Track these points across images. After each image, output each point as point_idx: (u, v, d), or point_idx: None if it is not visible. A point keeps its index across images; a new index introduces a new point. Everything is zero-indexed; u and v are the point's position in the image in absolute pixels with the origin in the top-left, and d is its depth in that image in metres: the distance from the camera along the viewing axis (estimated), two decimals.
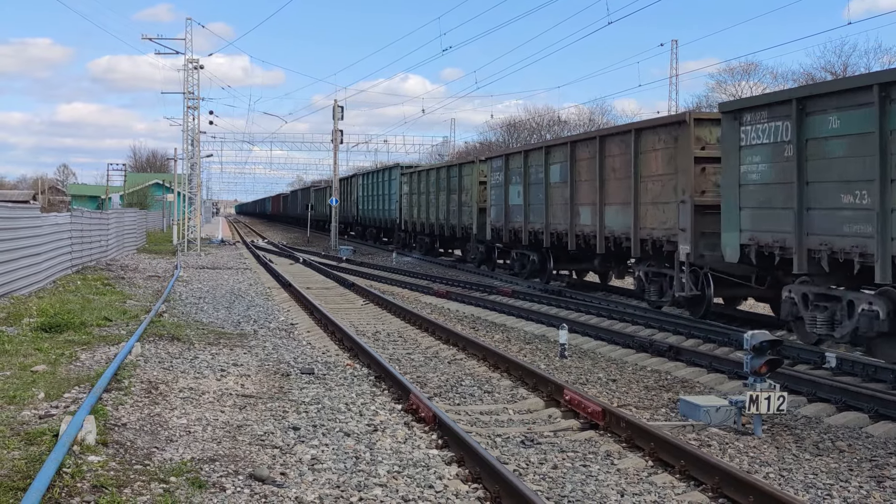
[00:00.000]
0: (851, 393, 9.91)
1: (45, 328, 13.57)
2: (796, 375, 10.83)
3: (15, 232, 18.49)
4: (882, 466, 7.81)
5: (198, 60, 45.61)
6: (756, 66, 72.26)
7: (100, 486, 6.28)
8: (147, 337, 13.40)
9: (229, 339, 14.13)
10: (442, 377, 11.49)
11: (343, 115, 50.29)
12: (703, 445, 8.29)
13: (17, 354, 11.44)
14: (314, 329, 15.89)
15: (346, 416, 8.97)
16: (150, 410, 8.75)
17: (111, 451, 7.17)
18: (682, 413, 9.51)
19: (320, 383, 10.69)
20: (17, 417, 8.15)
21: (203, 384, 10.25)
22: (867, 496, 7.01)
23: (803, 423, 9.40)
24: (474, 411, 9.65)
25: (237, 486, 6.55)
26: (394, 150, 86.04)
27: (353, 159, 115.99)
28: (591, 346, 14.50)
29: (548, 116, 79.12)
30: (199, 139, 48.97)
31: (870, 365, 11.33)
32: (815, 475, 7.50)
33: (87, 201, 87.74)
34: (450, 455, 7.68)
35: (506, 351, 13.18)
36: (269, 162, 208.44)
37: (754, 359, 8.78)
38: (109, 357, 11.44)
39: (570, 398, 9.46)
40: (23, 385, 9.54)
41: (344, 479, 6.88)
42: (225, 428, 8.30)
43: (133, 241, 41.73)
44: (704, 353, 12.80)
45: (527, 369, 11.12)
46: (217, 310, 18.22)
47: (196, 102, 45.83)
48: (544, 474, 7.32)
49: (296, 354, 12.79)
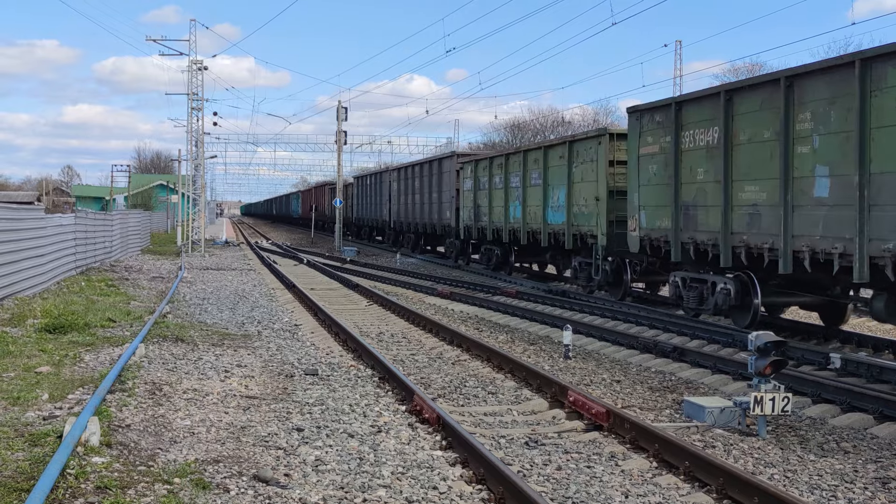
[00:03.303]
0: (856, 394, 9.89)
1: (50, 329, 13.58)
2: (801, 376, 10.81)
3: (19, 233, 18.51)
4: (887, 468, 7.79)
5: (202, 62, 45.61)
6: (760, 66, 72.02)
7: (103, 487, 6.28)
8: (151, 338, 13.41)
9: (233, 340, 14.13)
10: (446, 378, 11.48)
11: (347, 117, 50.31)
12: (708, 447, 8.27)
13: (21, 355, 11.45)
14: (318, 330, 15.89)
15: (350, 418, 8.97)
16: (153, 412, 8.76)
17: (115, 453, 7.17)
18: (686, 414, 9.50)
19: (324, 384, 10.69)
20: (21, 418, 8.16)
21: (207, 385, 10.25)
22: (872, 497, 6.99)
23: (808, 424, 9.37)
24: (478, 412, 9.64)
25: (241, 488, 6.55)
26: (397, 152, 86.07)
27: (356, 160, 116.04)
28: (596, 346, 14.48)
29: (552, 117, 79.20)
30: (203, 140, 49.01)
31: (874, 366, 11.31)
32: (819, 476, 7.48)
33: (91, 202, 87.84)
34: (454, 456, 7.67)
35: (510, 352, 13.17)
36: (273, 163, 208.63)
37: (759, 360, 8.76)
38: (113, 358, 11.45)
39: (575, 399, 9.45)
40: (27, 386, 9.55)
41: (348, 481, 6.87)
42: (229, 429, 8.30)
43: (137, 243, 41.78)
44: (709, 353, 12.78)
45: (531, 370, 11.11)
46: (221, 311, 18.23)
47: (200, 104, 45.85)
48: (548, 475, 7.31)
49: (300, 355, 12.80)
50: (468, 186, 30.58)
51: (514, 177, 26.01)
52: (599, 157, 20.34)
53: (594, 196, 20.43)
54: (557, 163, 22.91)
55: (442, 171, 35.17)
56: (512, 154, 26.93)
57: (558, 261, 25.93)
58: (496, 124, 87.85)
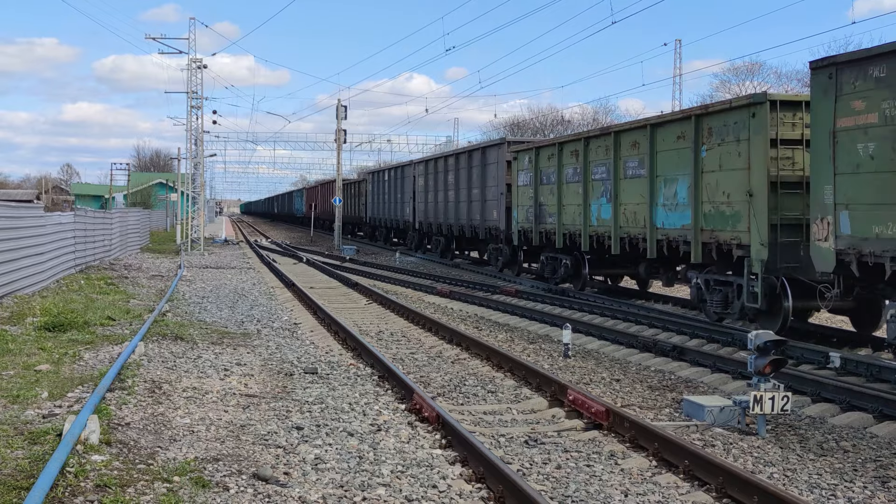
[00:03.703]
0: (856, 393, 9.89)
1: (49, 327, 13.57)
2: (800, 375, 10.82)
3: (18, 231, 18.50)
4: (886, 467, 7.79)
5: (201, 60, 45.62)
6: (760, 65, 72.24)
7: (103, 485, 6.27)
8: (150, 336, 13.40)
9: (233, 338, 14.13)
10: (445, 377, 11.48)
11: (347, 115, 50.16)
12: (707, 445, 8.27)
13: (20, 354, 11.45)
14: (317, 328, 15.89)
15: (350, 416, 8.97)
16: (153, 410, 8.75)
17: (115, 451, 7.17)
18: (685, 413, 9.50)
19: (324, 383, 10.69)
20: (20, 417, 8.16)
21: (206, 384, 10.25)
22: (872, 496, 6.99)
23: (807, 423, 9.38)
24: (478, 411, 9.64)
25: (241, 486, 6.55)
26: (397, 150, 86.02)
27: (356, 159, 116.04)
28: (595, 345, 14.48)
29: (552, 116, 79.14)
30: (203, 139, 49.01)
31: (874, 365, 11.31)
32: (819, 475, 7.48)
33: (90, 201, 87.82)
34: (453, 455, 7.67)
35: (509, 351, 13.17)
36: (273, 161, 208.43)
37: (758, 359, 8.76)
38: (113, 356, 11.45)
39: (574, 398, 9.45)
40: (26, 384, 9.55)
41: (347, 479, 6.87)
42: (228, 427, 8.30)
43: (136, 241, 41.76)
44: (708, 352, 12.78)
45: (530, 369, 11.11)
46: (220, 309, 18.23)
47: (200, 102, 45.85)
48: (548, 474, 7.31)
49: (299, 354, 12.79)
50: (525, 180, 24.70)
51: (599, 167, 19.95)
52: (753, 135, 14.48)
53: (743, 190, 14.71)
54: (674, 145, 16.83)
55: (486, 162, 29.14)
56: (594, 137, 20.50)
57: (658, 274, 19.71)
58: (496, 123, 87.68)
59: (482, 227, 29.41)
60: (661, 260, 18.40)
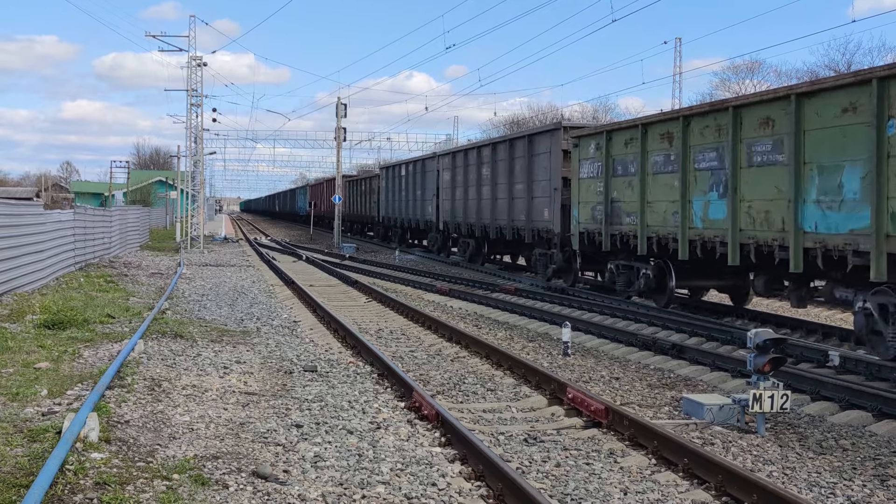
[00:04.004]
0: (855, 391, 9.90)
1: (49, 325, 13.58)
2: (800, 374, 10.82)
3: (18, 229, 18.50)
4: (885, 465, 7.80)
5: (201, 58, 45.64)
6: (760, 64, 72.26)
7: (103, 483, 6.28)
8: (150, 334, 13.41)
9: (232, 336, 14.13)
10: (445, 375, 11.48)
11: (346, 113, 50.15)
12: (707, 444, 8.28)
13: (20, 351, 11.45)
14: (317, 326, 15.89)
15: (349, 414, 8.97)
16: (153, 408, 8.76)
17: (114, 449, 7.17)
18: (685, 411, 9.50)
19: (323, 381, 10.69)
20: (20, 414, 8.16)
21: (206, 381, 10.25)
22: (871, 495, 6.99)
23: (807, 421, 9.38)
24: (477, 409, 9.64)
25: (240, 484, 6.55)
26: (397, 148, 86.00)
27: (356, 157, 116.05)
28: (594, 344, 14.49)
29: (551, 114, 79.05)
30: (203, 136, 49.01)
31: (873, 364, 11.32)
32: (818, 474, 7.49)
33: (90, 198, 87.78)
34: (453, 453, 7.67)
35: (509, 349, 13.17)
36: (273, 159, 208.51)
37: (758, 357, 8.77)
38: (112, 354, 11.45)
39: (574, 396, 9.45)
40: (26, 382, 9.55)
41: (347, 477, 6.87)
42: (228, 425, 8.30)
43: (136, 239, 41.76)
44: (708, 351, 12.79)
45: (530, 367, 11.12)
46: (220, 307, 18.23)
47: (199, 100, 45.85)
48: (547, 472, 7.32)
49: (299, 352, 12.80)
50: (590, 171, 20.13)
51: (707, 152, 15.54)
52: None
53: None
54: (836, 121, 12.32)
55: (534, 152, 24.39)
56: (699, 115, 15.86)
57: (782, 290, 14.81)
58: (495, 121, 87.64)
59: (528, 228, 24.63)
60: (783, 271, 13.87)
